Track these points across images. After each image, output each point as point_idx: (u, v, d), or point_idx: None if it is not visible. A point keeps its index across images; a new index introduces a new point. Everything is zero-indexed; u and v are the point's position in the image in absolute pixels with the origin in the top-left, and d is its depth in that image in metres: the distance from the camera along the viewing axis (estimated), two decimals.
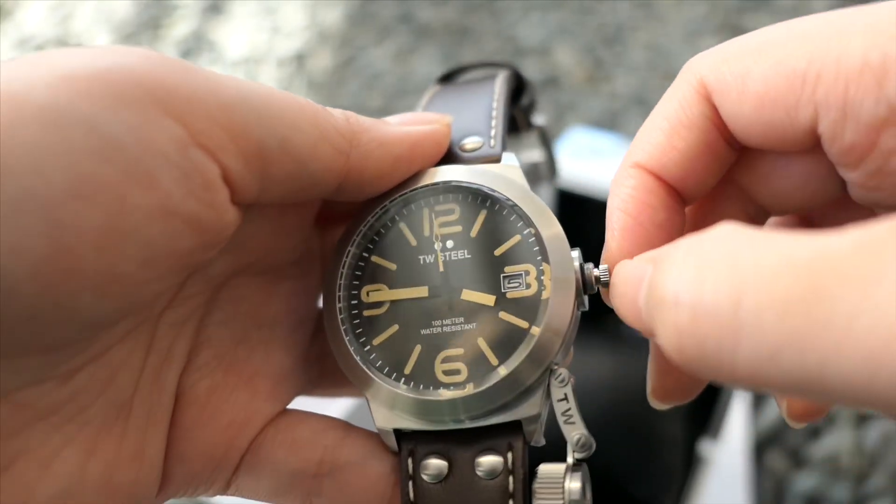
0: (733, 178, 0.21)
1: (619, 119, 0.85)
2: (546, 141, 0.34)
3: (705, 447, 0.52)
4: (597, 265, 0.20)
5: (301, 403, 0.23)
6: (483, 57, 0.95)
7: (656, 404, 0.22)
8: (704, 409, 0.51)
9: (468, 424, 0.20)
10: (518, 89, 0.28)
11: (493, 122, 0.23)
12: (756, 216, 0.22)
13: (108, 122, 0.15)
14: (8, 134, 0.14)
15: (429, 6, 1.02)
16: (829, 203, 0.21)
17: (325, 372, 0.24)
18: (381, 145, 0.20)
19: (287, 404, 0.22)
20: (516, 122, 0.31)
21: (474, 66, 0.27)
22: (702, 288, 0.14)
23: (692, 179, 0.20)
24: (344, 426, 0.22)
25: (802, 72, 0.17)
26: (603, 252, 0.20)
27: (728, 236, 0.15)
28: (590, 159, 0.58)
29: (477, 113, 0.23)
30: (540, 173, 0.37)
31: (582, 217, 0.63)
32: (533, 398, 0.20)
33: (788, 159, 0.20)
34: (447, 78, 0.28)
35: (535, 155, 0.36)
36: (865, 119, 0.17)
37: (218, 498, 0.22)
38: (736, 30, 0.98)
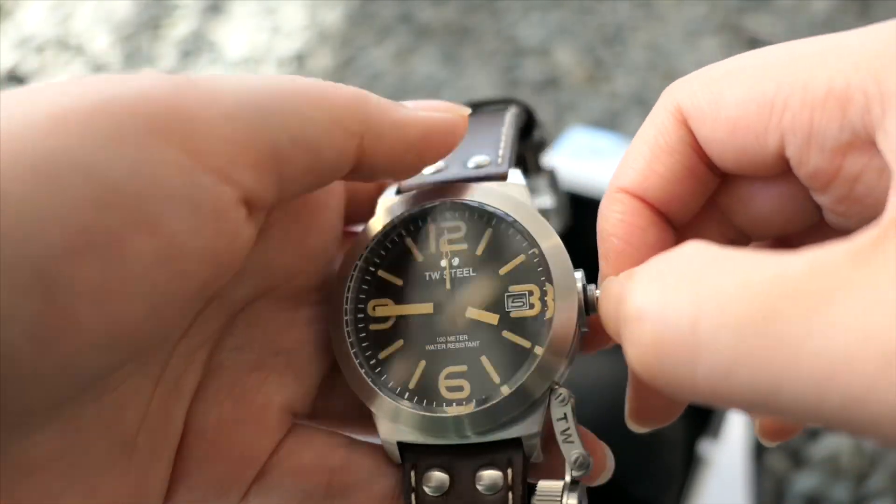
0: (716, 202, 0.22)
1: (619, 119, 0.85)
2: (556, 186, 0.34)
3: (705, 447, 0.52)
4: (597, 286, 0.21)
5: None
6: (483, 57, 0.95)
7: (635, 427, 0.22)
8: (704, 409, 0.51)
9: (470, 440, 0.20)
10: (529, 126, 0.29)
11: (502, 144, 0.23)
12: (737, 241, 0.22)
13: (106, 167, 0.15)
14: (2, 187, 0.14)
15: (429, 6, 1.02)
16: (806, 228, 0.21)
17: (329, 406, 0.23)
18: (395, 127, 0.20)
19: (289, 428, 0.22)
20: (526, 164, 0.31)
21: (488, 102, 0.27)
22: (664, 306, 0.15)
23: (676, 203, 0.20)
24: (348, 442, 0.22)
25: (771, 98, 0.18)
26: (599, 277, 0.21)
27: (693, 255, 0.15)
28: (590, 159, 0.58)
29: (487, 136, 0.24)
30: (550, 221, 0.36)
31: (581, 217, 0.63)
32: (534, 416, 0.20)
33: (764, 184, 0.20)
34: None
35: (546, 201, 0.35)
36: (830, 145, 0.17)
37: None
38: (736, 30, 0.98)
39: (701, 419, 0.52)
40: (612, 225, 0.20)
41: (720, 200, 0.21)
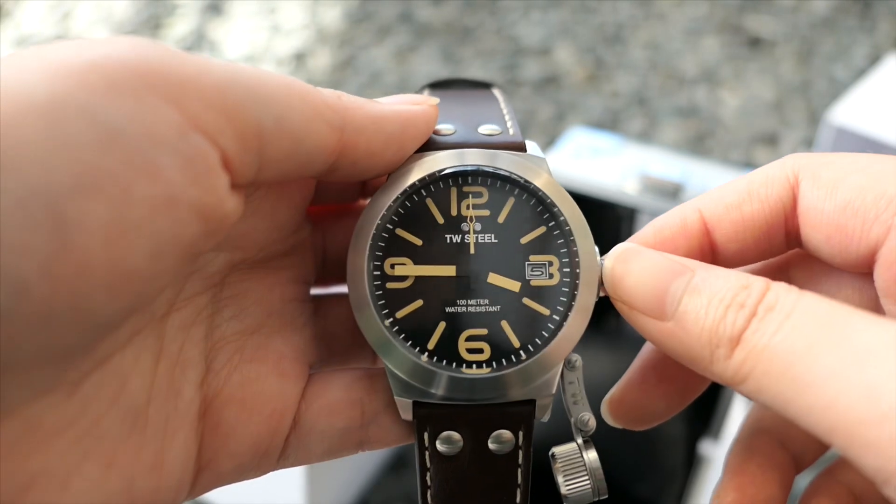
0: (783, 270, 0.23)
1: (619, 118, 0.84)
2: None
3: (706, 447, 0.52)
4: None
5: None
6: (484, 56, 0.95)
7: (607, 414, 0.23)
8: (705, 409, 0.51)
9: (487, 401, 0.21)
10: None
11: (507, 116, 0.23)
12: None
13: (108, 112, 0.15)
14: (9, 130, 0.14)
15: (429, 5, 1.02)
16: None
17: (333, 350, 0.24)
18: (374, 122, 0.20)
19: (306, 379, 0.23)
20: None
21: (456, 81, 0.27)
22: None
23: (735, 244, 0.21)
24: (364, 373, 0.22)
25: (891, 195, 0.19)
26: (630, 239, 0.21)
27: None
28: (590, 159, 0.58)
29: (487, 109, 0.24)
30: None
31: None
32: (547, 379, 0.21)
33: (835, 275, 0.22)
34: (437, 85, 0.28)
35: None
36: None
37: (211, 495, 0.22)
38: (736, 30, 0.98)
39: (701, 419, 0.52)
40: (663, 225, 0.21)
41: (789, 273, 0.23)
